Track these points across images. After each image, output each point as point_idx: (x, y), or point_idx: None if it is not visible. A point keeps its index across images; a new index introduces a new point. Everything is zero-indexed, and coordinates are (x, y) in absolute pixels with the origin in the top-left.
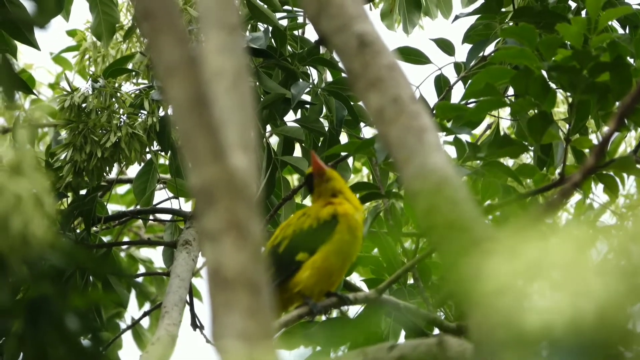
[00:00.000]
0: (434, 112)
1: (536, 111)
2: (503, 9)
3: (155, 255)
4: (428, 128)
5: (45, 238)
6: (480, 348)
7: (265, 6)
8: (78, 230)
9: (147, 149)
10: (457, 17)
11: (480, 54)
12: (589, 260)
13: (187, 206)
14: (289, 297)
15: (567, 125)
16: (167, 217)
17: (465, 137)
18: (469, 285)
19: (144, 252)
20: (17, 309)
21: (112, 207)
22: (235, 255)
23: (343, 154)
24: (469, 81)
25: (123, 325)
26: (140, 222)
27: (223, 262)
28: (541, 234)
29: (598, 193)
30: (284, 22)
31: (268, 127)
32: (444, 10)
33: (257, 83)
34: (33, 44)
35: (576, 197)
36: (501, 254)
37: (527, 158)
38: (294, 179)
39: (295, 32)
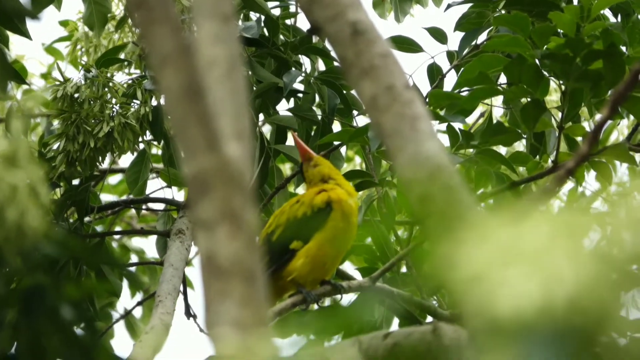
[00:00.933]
0: (427, 100)
1: (529, 99)
2: None
3: (147, 245)
4: (422, 116)
5: (39, 228)
6: (474, 335)
7: None
8: (71, 220)
9: (140, 139)
10: (449, 6)
11: (473, 43)
12: (568, 246)
13: (180, 195)
14: (282, 286)
15: (560, 113)
16: (160, 206)
17: (458, 125)
18: (447, 272)
19: (136, 242)
20: (11, 299)
21: (105, 197)
22: (230, 244)
23: (336, 142)
24: (462, 69)
25: (115, 315)
26: (132, 211)
27: (217, 250)
28: (527, 220)
29: (590, 181)
30: (277, 11)
31: (261, 116)
32: None
33: (250, 72)
34: (25, 33)
35: (568, 185)
36: (476, 241)
37: (520, 146)
38: (286, 168)
39: (288, 21)
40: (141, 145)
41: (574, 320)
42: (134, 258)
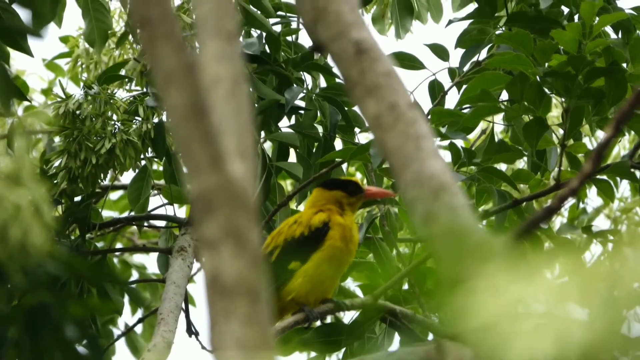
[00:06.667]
0: (429, 117)
1: (531, 117)
2: (496, 14)
3: (148, 261)
4: (425, 134)
5: (42, 246)
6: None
7: (259, 12)
8: (73, 237)
9: (142, 156)
10: (450, 22)
11: (473, 59)
12: (575, 292)
13: (181, 212)
14: (282, 306)
15: (562, 131)
16: (162, 223)
17: (460, 143)
18: (459, 321)
19: (137, 258)
20: (14, 316)
21: (106, 214)
22: (234, 262)
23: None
24: (464, 87)
25: (116, 332)
26: (133, 227)
27: (222, 269)
28: (531, 260)
29: (591, 196)
30: (278, 28)
31: (262, 133)
32: (434, 14)
33: (251, 89)
34: (26, 50)
35: (570, 200)
36: (486, 289)
37: (521, 163)
38: (288, 185)
39: (289, 38)
40: (143, 162)
41: None
42: (135, 274)
